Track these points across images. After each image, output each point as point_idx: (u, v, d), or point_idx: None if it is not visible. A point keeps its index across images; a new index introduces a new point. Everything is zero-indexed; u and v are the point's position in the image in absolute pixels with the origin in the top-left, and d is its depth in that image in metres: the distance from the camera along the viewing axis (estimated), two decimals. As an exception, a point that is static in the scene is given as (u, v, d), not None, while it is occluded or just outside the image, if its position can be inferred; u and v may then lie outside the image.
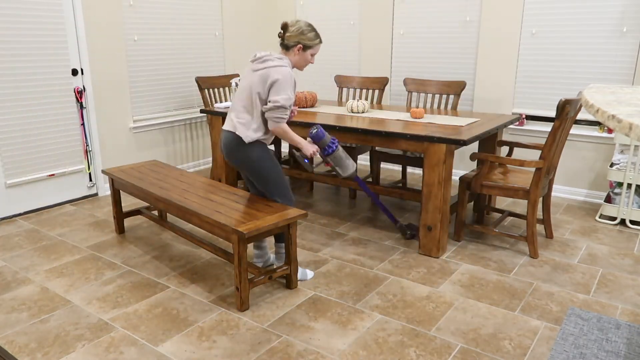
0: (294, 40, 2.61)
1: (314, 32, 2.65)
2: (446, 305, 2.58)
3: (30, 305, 2.59)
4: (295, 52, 2.64)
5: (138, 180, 3.18)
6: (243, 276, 2.47)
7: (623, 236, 3.47)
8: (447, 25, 4.60)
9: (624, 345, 2.23)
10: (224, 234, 2.53)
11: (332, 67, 5.45)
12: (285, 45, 2.65)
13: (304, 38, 2.62)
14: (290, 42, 2.62)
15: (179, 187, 3.04)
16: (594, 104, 1.48)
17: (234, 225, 2.41)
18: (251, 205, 2.69)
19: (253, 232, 2.39)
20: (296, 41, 2.61)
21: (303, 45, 2.63)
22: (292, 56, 2.65)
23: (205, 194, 2.91)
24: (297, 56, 2.65)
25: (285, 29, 2.63)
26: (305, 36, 2.62)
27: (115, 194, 3.42)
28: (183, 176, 3.28)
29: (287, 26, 2.63)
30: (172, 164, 4.92)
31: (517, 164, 3.00)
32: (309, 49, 2.66)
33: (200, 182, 3.14)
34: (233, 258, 2.46)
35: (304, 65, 2.71)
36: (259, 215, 2.55)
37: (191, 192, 2.94)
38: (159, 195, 2.91)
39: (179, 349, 2.23)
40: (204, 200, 2.81)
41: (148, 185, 3.08)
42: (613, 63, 3.89)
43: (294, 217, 2.55)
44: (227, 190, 2.97)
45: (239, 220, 2.48)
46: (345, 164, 2.89)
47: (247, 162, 2.66)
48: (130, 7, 4.30)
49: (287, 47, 2.64)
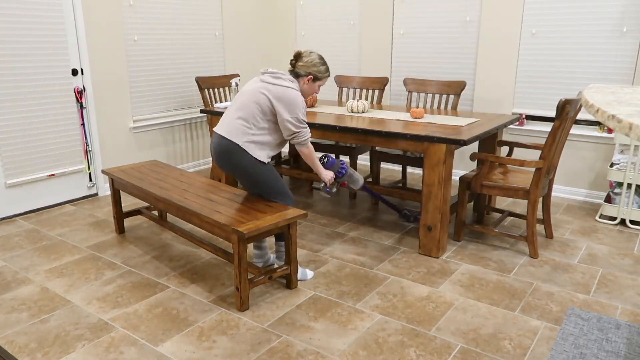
0: (306, 71, 2.69)
1: (325, 65, 2.73)
2: (446, 305, 2.58)
3: (30, 305, 2.60)
4: (305, 82, 2.71)
5: (138, 180, 3.18)
6: (243, 276, 2.47)
7: (623, 236, 3.47)
8: (447, 25, 4.60)
9: (624, 345, 2.23)
10: (224, 234, 2.53)
11: (332, 67, 5.45)
12: (296, 73, 2.71)
13: (316, 70, 2.70)
14: (302, 71, 2.69)
15: (179, 187, 3.04)
16: (594, 104, 1.48)
17: (234, 225, 2.42)
18: (251, 205, 2.69)
19: (253, 232, 2.39)
20: (308, 72, 2.69)
21: (314, 76, 2.70)
22: (302, 84, 2.72)
23: (205, 194, 2.90)
24: (306, 85, 2.72)
25: (298, 58, 2.70)
26: (318, 69, 2.70)
27: (115, 194, 3.42)
28: (183, 176, 3.28)
29: (301, 56, 2.70)
30: (172, 164, 4.92)
31: (517, 164, 3.00)
32: (318, 80, 2.74)
33: (200, 182, 3.14)
34: (233, 258, 2.46)
35: (309, 94, 2.78)
36: (259, 215, 2.55)
37: (191, 192, 2.94)
38: (159, 195, 2.91)
39: (179, 349, 2.23)
40: (204, 200, 2.81)
41: (148, 185, 3.08)
42: (613, 63, 3.89)
43: (294, 217, 2.55)
44: (227, 190, 2.97)
45: (239, 220, 2.48)
46: (356, 179, 3.04)
47: (240, 169, 2.67)
48: (130, 7, 4.30)
49: (297, 74, 2.70)
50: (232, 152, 2.64)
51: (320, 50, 5.47)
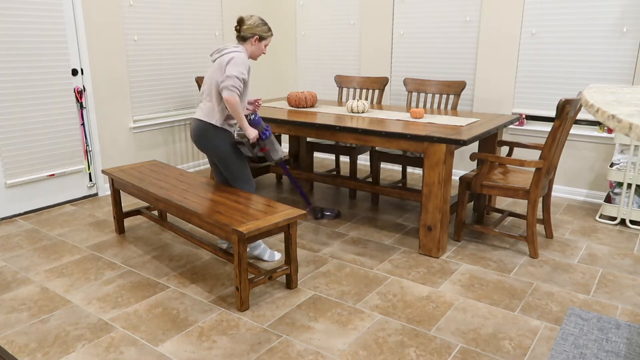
0: (251, 32, 2.91)
1: (267, 25, 2.96)
2: (446, 305, 2.58)
3: (30, 305, 2.60)
4: (252, 43, 2.94)
5: (138, 181, 3.18)
6: (243, 276, 2.47)
7: (623, 236, 3.47)
8: (447, 25, 4.60)
9: (624, 345, 2.23)
10: (224, 234, 2.53)
11: (332, 67, 5.45)
12: (242, 37, 2.93)
13: (260, 30, 2.93)
14: (247, 33, 2.91)
15: (179, 187, 3.04)
16: (594, 104, 1.48)
17: (234, 225, 2.41)
18: (251, 206, 2.69)
19: (253, 232, 2.39)
20: (253, 33, 2.91)
21: (259, 36, 2.93)
22: (249, 46, 2.94)
23: (205, 194, 2.91)
24: (253, 46, 2.95)
25: (241, 23, 2.92)
26: (261, 29, 2.93)
27: (115, 194, 3.42)
28: (183, 176, 3.28)
29: (244, 20, 2.91)
30: (172, 164, 4.92)
31: (517, 164, 3.01)
32: (264, 40, 2.96)
33: (200, 182, 3.14)
34: (233, 258, 2.46)
35: (258, 55, 3.00)
36: (259, 215, 2.55)
37: (191, 192, 2.94)
38: (159, 195, 2.91)
39: (179, 349, 2.23)
40: (204, 200, 2.81)
41: (148, 185, 3.08)
42: (613, 63, 3.89)
43: (294, 217, 2.55)
44: (227, 191, 2.97)
45: (239, 220, 2.48)
46: (277, 148, 3.11)
47: (214, 149, 2.93)
48: (130, 7, 4.31)
49: (244, 38, 2.93)
50: (202, 131, 2.90)
51: (320, 50, 5.47)
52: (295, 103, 3.99)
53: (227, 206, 2.70)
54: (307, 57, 5.62)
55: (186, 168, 5.07)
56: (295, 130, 3.56)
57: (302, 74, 5.70)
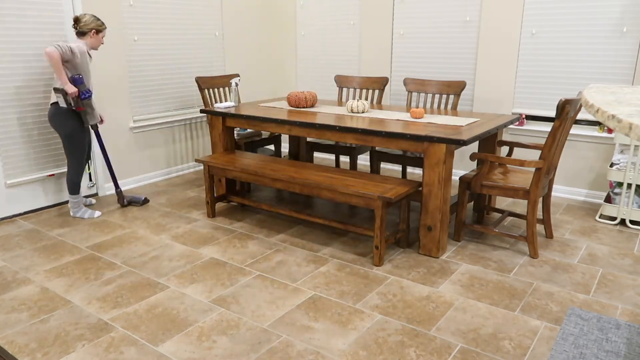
0: (88, 27, 3.49)
1: (100, 20, 3.55)
2: (446, 305, 2.58)
3: (30, 305, 2.60)
4: (92, 35, 3.53)
5: (246, 166, 3.56)
6: (382, 236, 2.97)
7: (623, 236, 3.47)
8: (447, 25, 4.60)
9: (624, 345, 2.23)
10: (364, 201, 2.97)
11: (332, 67, 5.45)
12: (81, 33, 3.51)
13: (96, 25, 3.52)
14: (85, 29, 3.49)
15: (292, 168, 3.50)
16: (594, 104, 1.48)
17: (379, 193, 2.90)
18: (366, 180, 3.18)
19: (397, 197, 2.89)
20: (90, 28, 3.50)
21: (97, 30, 3.53)
22: (89, 39, 3.53)
23: (319, 173, 3.37)
24: (93, 38, 3.54)
25: (78, 22, 3.47)
26: (96, 23, 3.52)
27: (210, 180, 3.78)
28: (264, 161, 3.72)
29: (79, 19, 3.47)
30: (172, 163, 4.92)
31: (517, 164, 3.01)
32: (101, 32, 3.56)
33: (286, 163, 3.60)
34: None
35: (97, 45, 3.59)
36: (384, 185, 3.06)
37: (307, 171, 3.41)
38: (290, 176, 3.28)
39: (179, 349, 2.23)
40: (325, 177, 3.25)
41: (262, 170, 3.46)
42: (613, 63, 3.89)
43: (419, 182, 3.15)
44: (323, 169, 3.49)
45: (372, 190, 2.96)
46: (95, 116, 3.64)
47: (61, 129, 3.54)
48: (130, 7, 4.31)
49: (83, 33, 3.51)
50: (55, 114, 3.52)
51: (320, 50, 5.47)
52: (295, 103, 3.99)
53: (344, 181, 3.16)
54: (307, 57, 5.62)
55: (186, 168, 5.07)
56: (295, 130, 3.56)
57: (302, 74, 5.70)
